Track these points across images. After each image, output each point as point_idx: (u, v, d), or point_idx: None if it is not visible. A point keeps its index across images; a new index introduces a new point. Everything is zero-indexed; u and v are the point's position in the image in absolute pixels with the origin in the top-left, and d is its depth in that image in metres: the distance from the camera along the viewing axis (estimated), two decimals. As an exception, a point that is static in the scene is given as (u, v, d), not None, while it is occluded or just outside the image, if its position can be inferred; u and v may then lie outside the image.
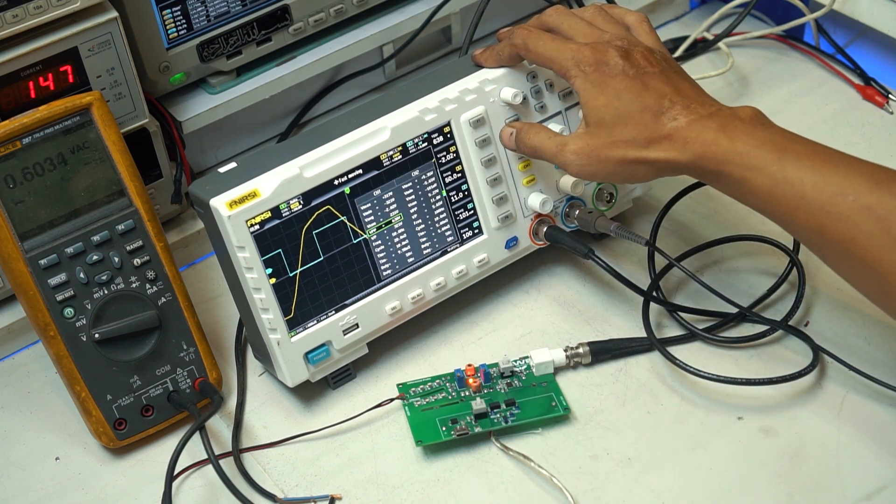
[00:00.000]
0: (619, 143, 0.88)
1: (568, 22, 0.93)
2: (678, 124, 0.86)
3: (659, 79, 0.88)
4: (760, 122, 0.86)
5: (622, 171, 0.89)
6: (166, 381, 0.93)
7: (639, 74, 0.88)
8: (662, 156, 0.86)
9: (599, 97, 0.88)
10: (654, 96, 0.87)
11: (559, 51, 0.91)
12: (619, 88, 0.88)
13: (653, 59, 0.90)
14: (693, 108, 0.87)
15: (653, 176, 0.89)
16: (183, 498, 0.90)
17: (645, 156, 0.87)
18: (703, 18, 1.29)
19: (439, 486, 0.89)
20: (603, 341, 0.96)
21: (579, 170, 0.90)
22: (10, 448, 0.95)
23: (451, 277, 0.97)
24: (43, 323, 0.90)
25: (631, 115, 0.87)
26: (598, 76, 0.88)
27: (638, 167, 0.88)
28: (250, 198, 0.88)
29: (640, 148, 0.87)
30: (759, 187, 0.83)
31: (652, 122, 0.87)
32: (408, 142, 0.94)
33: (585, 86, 0.89)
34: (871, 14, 1.19)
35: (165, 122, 1.05)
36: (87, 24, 0.93)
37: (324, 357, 0.93)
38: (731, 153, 0.84)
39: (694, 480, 0.87)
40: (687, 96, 0.88)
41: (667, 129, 0.86)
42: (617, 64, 0.88)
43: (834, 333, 0.96)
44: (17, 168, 0.89)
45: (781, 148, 0.84)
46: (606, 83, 0.88)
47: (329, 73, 1.17)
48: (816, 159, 0.83)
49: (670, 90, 0.88)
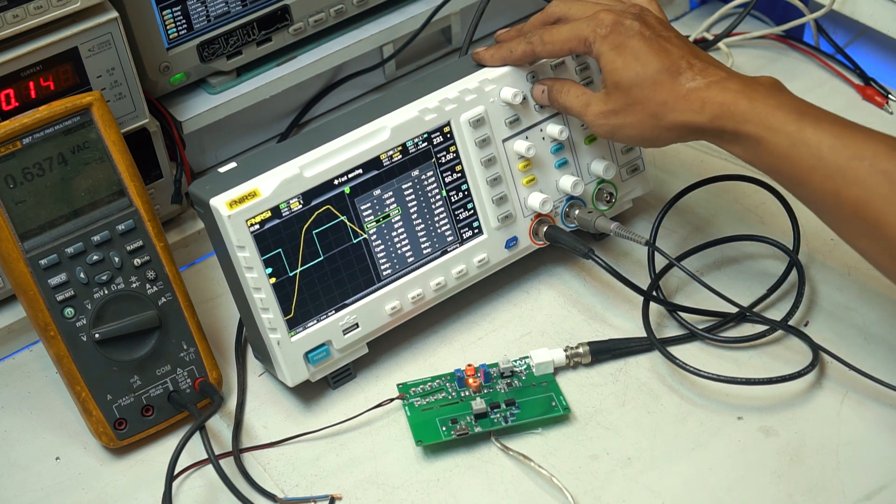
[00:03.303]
0: (638, 104, 0.89)
1: (575, 7, 0.94)
2: (696, 84, 0.87)
3: (675, 43, 0.89)
4: (779, 88, 0.87)
5: (640, 133, 0.90)
6: (166, 381, 0.93)
7: (655, 37, 0.89)
8: (680, 118, 0.87)
9: (618, 59, 0.89)
10: (673, 57, 0.88)
11: (576, 27, 0.91)
12: (637, 49, 0.88)
13: (668, 26, 0.92)
14: (711, 70, 0.88)
15: (671, 139, 0.90)
16: (183, 498, 0.90)
17: (663, 117, 0.88)
18: (703, 18, 1.29)
19: (439, 486, 0.89)
20: (603, 341, 0.96)
21: (600, 130, 0.92)
22: (10, 448, 0.95)
23: (451, 277, 0.97)
24: (43, 323, 0.90)
25: (649, 75, 0.88)
26: (616, 38, 0.89)
27: (655, 129, 0.89)
28: (250, 197, 0.88)
29: (658, 108, 0.88)
30: (776, 147, 0.84)
31: (670, 83, 0.87)
32: (408, 142, 0.94)
33: (604, 48, 0.90)
34: (870, 14, 1.19)
35: (165, 122, 1.05)
36: (87, 25, 0.93)
37: (324, 357, 0.93)
38: (750, 113, 0.85)
39: (694, 480, 0.87)
40: (705, 60, 0.89)
41: (685, 90, 0.87)
42: (633, 25, 0.89)
43: (834, 333, 0.96)
44: (17, 168, 0.89)
45: (801, 111, 0.85)
46: (625, 44, 0.89)
47: (329, 73, 1.17)
48: (836, 124, 0.84)
49: (689, 53, 0.89)
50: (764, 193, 1.02)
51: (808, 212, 0.88)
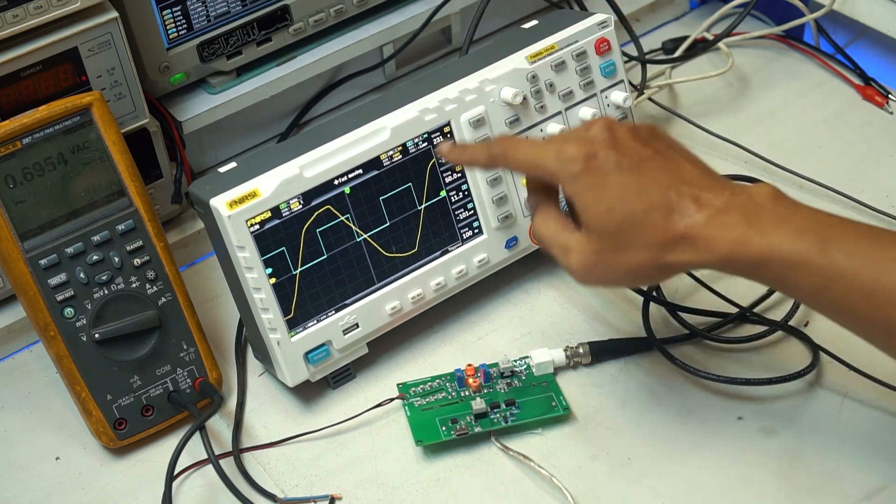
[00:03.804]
0: (629, 250, 0.77)
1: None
2: (693, 221, 0.76)
3: (657, 165, 0.78)
4: (782, 202, 0.76)
5: (633, 277, 0.80)
6: (166, 381, 0.93)
7: (634, 165, 0.77)
8: (682, 258, 0.76)
9: (599, 202, 0.77)
10: (659, 190, 0.76)
11: (542, 152, 0.80)
12: (617, 188, 0.77)
13: (641, 139, 0.79)
14: (704, 197, 0.76)
15: (670, 277, 0.80)
16: (183, 498, 0.90)
17: (660, 260, 0.77)
18: (703, 18, 1.29)
19: (439, 486, 0.89)
20: (603, 341, 0.96)
21: (585, 279, 0.81)
22: (10, 448, 0.95)
23: (451, 277, 0.97)
24: (43, 323, 0.90)
25: (637, 217, 0.76)
26: (591, 178, 0.77)
27: (652, 272, 0.78)
28: (250, 198, 0.88)
29: (654, 252, 0.77)
30: (806, 284, 0.74)
31: (663, 223, 0.76)
32: (408, 142, 0.94)
33: (578, 189, 0.78)
34: (871, 14, 1.19)
35: (165, 122, 1.05)
36: (87, 24, 0.93)
37: (324, 357, 0.93)
38: (766, 250, 0.74)
39: (694, 480, 0.87)
40: (692, 183, 0.77)
41: (681, 229, 0.76)
42: (608, 157, 0.77)
43: (834, 333, 0.96)
44: (17, 168, 0.89)
45: (822, 236, 0.74)
46: (602, 184, 0.77)
47: (329, 73, 1.17)
48: (863, 242, 0.74)
49: (673, 179, 0.77)
50: (764, 193, 1.01)
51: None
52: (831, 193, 1.07)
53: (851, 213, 1.06)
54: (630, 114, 1.03)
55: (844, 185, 1.07)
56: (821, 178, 1.08)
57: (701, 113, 1.18)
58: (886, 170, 1.11)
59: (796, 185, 1.09)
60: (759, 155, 1.11)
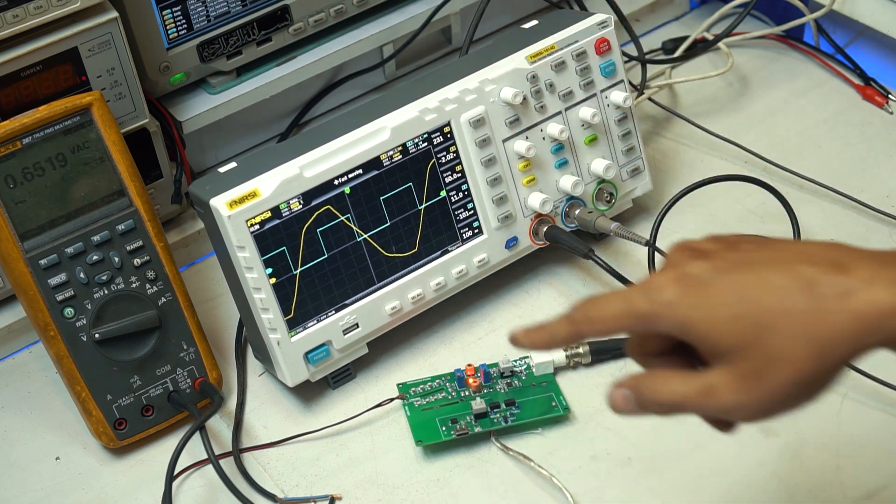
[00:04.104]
0: (784, 349, 0.59)
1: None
2: (852, 282, 0.58)
3: (760, 252, 0.63)
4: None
5: (804, 386, 0.60)
6: (166, 381, 0.93)
7: (736, 261, 0.62)
8: (851, 331, 0.58)
9: (715, 316, 0.61)
10: (780, 270, 0.60)
11: (628, 300, 0.64)
12: (729, 291, 0.61)
13: (723, 240, 0.65)
14: (843, 261, 0.60)
15: (854, 357, 0.60)
16: (183, 498, 0.90)
17: (826, 343, 0.59)
18: (703, 18, 1.29)
19: (439, 486, 0.89)
20: (603, 341, 0.96)
21: (748, 414, 0.62)
22: (10, 448, 0.95)
23: (451, 277, 0.97)
24: (43, 323, 0.90)
25: (772, 310, 0.59)
26: (693, 295, 0.62)
27: (821, 370, 0.60)
28: (250, 198, 0.88)
29: (822, 344, 0.59)
30: None
31: (805, 299, 0.59)
32: (408, 142, 0.94)
33: (684, 316, 0.61)
34: (870, 14, 1.19)
35: (165, 122, 1.05)
36: (87, 24, 0.93)
37: (324, 357, 0.93)
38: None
39: (694, 480, 0.87)
40: (814, 252, 0.61)
41: (833, 296, 0.58)
42: (703, 267, 0.62)
43: (834, 333, 0.96)
44: (17, 168, 0.89)
45: None
46: (709, 295, 0.61)
47: (329, 73, 1.17)
48: None
49: (788, 256, 0.61)
50: (764, 193, 1.01)
51: (808, 212, 0.88)
52: (831, 193, 1.07)
53: (851, 212, 1.06)
54: (630, 114, 1.03)
55: (844, 185, 1.07)
56: (821, 178, 1.08)
57: (701, 113, 1.18)
58: (886, 170, 1.11)
59: (796, 185, 1.09)
60: (759, 155, 1.11)
